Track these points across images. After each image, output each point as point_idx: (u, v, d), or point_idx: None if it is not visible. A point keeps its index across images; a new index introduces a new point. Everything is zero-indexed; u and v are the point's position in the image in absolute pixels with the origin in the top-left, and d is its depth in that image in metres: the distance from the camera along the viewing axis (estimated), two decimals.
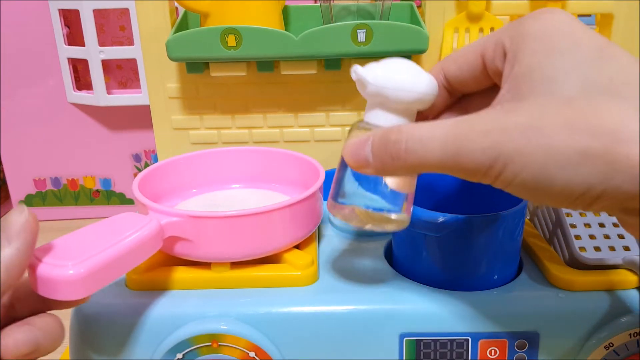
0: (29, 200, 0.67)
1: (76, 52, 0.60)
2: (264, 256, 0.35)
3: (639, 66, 0.24)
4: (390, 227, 0.30)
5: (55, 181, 0.66)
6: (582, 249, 0.38)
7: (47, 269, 0.26)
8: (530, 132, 0.23)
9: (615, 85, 0.23)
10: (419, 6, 0.53)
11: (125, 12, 0.63)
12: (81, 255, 0.27)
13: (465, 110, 0.31)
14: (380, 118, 0.29)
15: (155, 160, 0.65)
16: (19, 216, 0.26)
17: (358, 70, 0.28)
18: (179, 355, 0.33)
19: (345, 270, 0.37)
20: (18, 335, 0.25)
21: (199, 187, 0.44)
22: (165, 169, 0.41)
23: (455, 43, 0.49)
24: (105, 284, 0.28)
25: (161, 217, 0.32)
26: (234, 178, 0.44)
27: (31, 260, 0.26)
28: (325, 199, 0.39)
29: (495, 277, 0.35)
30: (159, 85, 0.51)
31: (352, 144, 0.27)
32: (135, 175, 0.67)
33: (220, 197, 0.43)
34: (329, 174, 0.47)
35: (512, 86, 0.26)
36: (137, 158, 0.66)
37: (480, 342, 0.33)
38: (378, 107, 0.29)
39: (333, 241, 0.41)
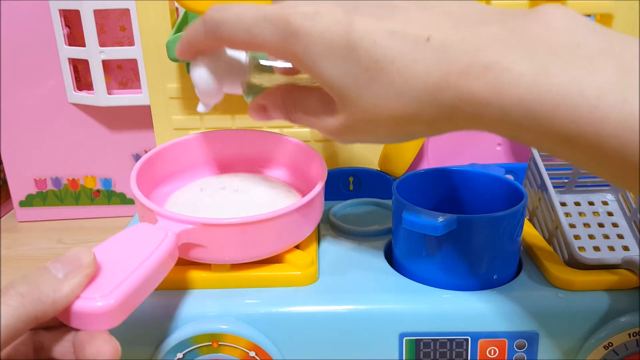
0: (30, 200, 0.67)
1: (76, 52, 0.60)
2: (268, 257, 0.35)
3: None
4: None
5: (56, 181, 0.66)
6: (582, 248, 0.38)
7: (77, 301, 0.25)
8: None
9: None
10: None
11: (125, 12, 0.63)
12: (109, 284, 0.26)
13: None
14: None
15: None
16: (86, 255, 0.26)
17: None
18: (179, 355, 0.33)
19: (345, 270, 0.37)
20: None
21: (193, 174, 0.43)
22: (156, 159, 0.40)
23: None
24: (134, 308, 0.27)
25: (174, 225, 0.32)
26: (229, 163, 0.44)
27: None
28: (326, 198, 0.39)
29: (495, 277, 0.35)
30: (159, 85, 0.51)
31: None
32: None
33: (219, 185, 0.41)
34: (330, 173, 0.48)
35: None
36: (137, 158, 0.66)
37: (479, 342, 0.33)
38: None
39: (333, 241, 0.41)
